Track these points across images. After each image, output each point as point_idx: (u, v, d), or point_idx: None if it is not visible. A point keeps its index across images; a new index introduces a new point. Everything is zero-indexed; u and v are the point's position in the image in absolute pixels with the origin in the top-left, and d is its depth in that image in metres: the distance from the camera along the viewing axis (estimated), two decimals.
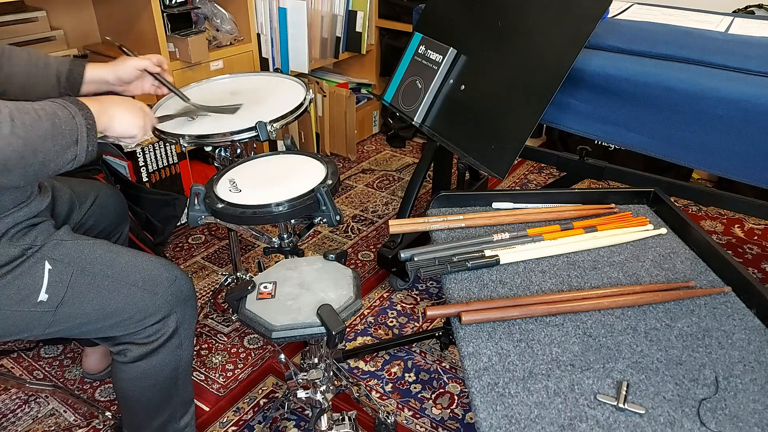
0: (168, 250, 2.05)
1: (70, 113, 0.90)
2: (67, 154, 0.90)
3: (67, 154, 0.90)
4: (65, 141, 0.89)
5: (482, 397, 0.73)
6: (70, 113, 0.90)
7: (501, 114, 1.26)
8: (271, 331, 0.97)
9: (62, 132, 0.88)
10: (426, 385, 1.52)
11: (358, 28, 2.55)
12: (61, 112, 0.89)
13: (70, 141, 0.89)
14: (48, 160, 0.87)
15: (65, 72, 1.16)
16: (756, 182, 1.13)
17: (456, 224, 1.08)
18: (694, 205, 2.34)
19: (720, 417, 0.70)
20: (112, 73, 1.21)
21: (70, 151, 0.90)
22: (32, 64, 1.14)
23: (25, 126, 0.83)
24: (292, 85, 1.45)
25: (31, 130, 0.83)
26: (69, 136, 0.89)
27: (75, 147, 0.90)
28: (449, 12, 1.49)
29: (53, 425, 1.40)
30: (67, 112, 0.90)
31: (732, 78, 1.12)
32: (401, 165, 2.68)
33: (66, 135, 0.89)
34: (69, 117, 0.90)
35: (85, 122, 0.92)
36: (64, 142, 0.88)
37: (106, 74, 1.21)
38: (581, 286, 0.93)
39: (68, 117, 0.90)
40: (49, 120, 0.86)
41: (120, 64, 1.22)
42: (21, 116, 0.83)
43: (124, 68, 1.22)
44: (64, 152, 0.89)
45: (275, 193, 1.10)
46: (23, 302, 0.96)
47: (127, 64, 1.22)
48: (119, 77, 1.22)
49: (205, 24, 2.10)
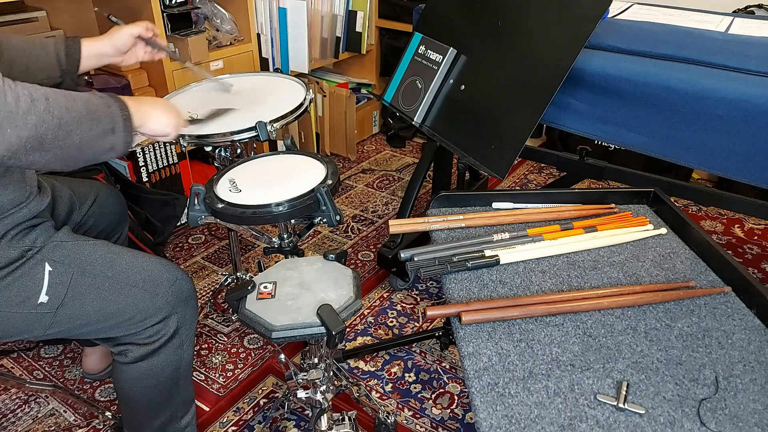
0: (168, 250, 2.05)
1: (106, 102, 0.91)
2: (105, 142, 0.90)
3: (105, 142, 0.90)
4: (101, 127, 0.89)
5: (482, 397, 0.73)
6: (106, 102, 0.91)
7: (501, 114, 1.26)
8: (271, 331, 0.97)
9: (98, 117, 0.89)
10: (426, 385, 1.52)
11: (358, 28, 2.55)
12: (96, 100, 0.90)
13: (106, 128, 0.90)
14: (84, 144, 0.88)
15: (63, 50, 1.16)
16: (756, 182, 1.13)
17: (456, 224, 1.08)
18: (694, 205, 2.34)
19: (720, 417, 0.70)
20: (108, 44, 1.21)
21: (108, 140, 0.91)
22: (29, 45, 1.14)
23: (59, 106, 0.84)
24: (292, 85, 1.45)
25: (66, 111, 0.84)
26: (105, 123, 0.90)
27: (112, 135, 0.91)
28: (449, 12, 1.49)
29: (53, 425, 1.40)
30: (103, 102, 0.91)
31: (732, 78, 1.12)
32: (401, 165, 2.68)
33: (102, 121, 0.89)
34: (104, 105, 0.91)
35: (121, 113, 0.93)
36: (100, 129, 0.89)
37: (102, 47, 1.20)
38: (581, 286, 0.93)
39: (103, 105, 0.91)
40: (83, 104, 0.87)
41: (114, 34, 1.21)
42: (56, 97, 0.84)
43: (119, 37, 1.21)
44: (101, 139, 0.90)
45: (275, 193, 1.10)
46: (23, 304, 0.96)
47: (122, 32, 1.22)
48: (116, 47, 1.22)
49: (205, 24, 2.10)
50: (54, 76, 1.15)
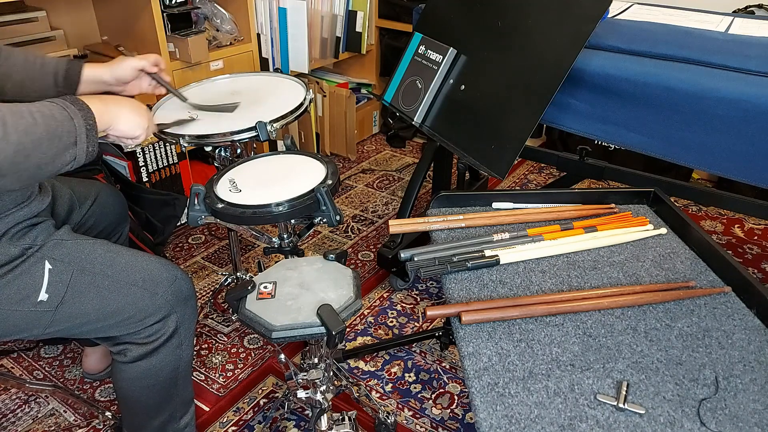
0: (168, 250, 2.05)
1: (69, 115, 0.88)
2: (65, 156, 0.88)
3: (65, 156, 0.88)
4: (62, 144, 0.87)
5: (482, 397, 0.73)
6: (69, 115, 0.88)
7: (501, 114, 1.26)
8: (271, 331, 0.97)
9: (59, 135, 0.86)
10: (426, 385, 1.52)
11: (358, 28, 2.55)
12: (59, 114, 0.87)
13: (67, 143, 0.87)
14: (44, 163, 0.85)
15: (62, 72, 1.15)
16: (756, 182, 1.13)
17: (456, 224, 1.08)
18: (694, 205, 2.34)
19: (720, 417, 0.70)
20: (110, 73, 1.20)
21: (69, 153, 0.88)
22: (29, 63, 1.13)
23: (18, 131, 0.81)
24: (292, 85, 1.45)
25: (24, 135, 0.81)
26: (66, 139, 0.87)
27: (74, 148, 0.89)
28: (449, 12, 1.49)
29: (53, 425, 1.40)
30: (66, 114, 0.88)
31: (732, 78, 1.12)
32: (401, 165, 2.68)
33: (63, 137, 0.87)
34: (67, 119, 0.88)
35: (85, 123, 0.90)
36: (61, 145, 0.87)
37: (103, 74, 1.20)
38: (581, 286, 0.93)
39: (66, 119, 0.88)
40: (44, 124, 0.84)
41: (117, 64, 1.21)
42: (14, 121, 0.81)
43: (122, 68, 1.21)
44: (61, 155, 0.87)
45: (275, 193, 1.10)
46: (23, 302, 0.96)
47: (125, 64, 1.21)
48: (117, 77, 1.21)
49: (205, 24, 2.10)
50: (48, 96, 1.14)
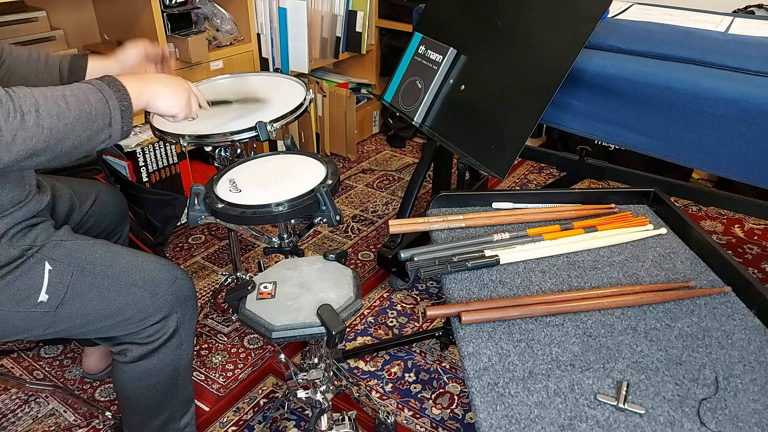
0: (168, 250, 2.05)
1: (104, 97, 0.89)
2: (100, 136, 0.89)
3: (100, 136, 0.89)
4: (96, 125, 0.88)
5: (482, 397, 0.73)
6: (104, 97, 0.89)
7: (501, 114, 1.26)
8: (271, 331, 0.97)
9: (92, 118, 0.87)
10: (426, 385, 1.52)
11: (358, 28, 2.55)
12: (93, 97, 0.87)
13: (102, 124, 0.89)
14: (79, 143, 0.87)
15: (68, 66, 1.16)
16: (756, 182, 1.13)
17: (456, 224, 1.08)
18: (694, 205, 2.34)
19: (720, 417, 0.70)
20: (115, 61, 1.21)
21: (103, 133, 0.89)
22: (33, 59, 1.14)
23: (50, 116, 0.82)
24: (292, 85, 1.45)
25: (57, 120, 0.82)
26: (101, 120, 0.88)
27: (108, 129, 0.90)
28: (449, 12, 1.49)
29: (53, 425, 1.40)
30: (101, 97, 0.88)
31: (732, 78, 1.12)
32: (401, 165, 2.68)
33: (97, 120, 0.88)
34: (102, 101, 0.88)
35: (119, 105, 0.90)
36: (95, 127, 0.88)
37: (108, 64, 1.20)
38: (581, 286, 0.93)
39: (101, 102, 0.88)
40: (77, 108, 0.85)
41: (121, 52, 1.22)
42: (47, 106, 0.82)
43: (126, 55, 1.22)
44: (96, 135, 0.88)
45: (275, 193, 1.10)
46: (23, 303, 0.96)
47: (129, 50, 1.22)
48: (122, 65, 1.22)
49: (205, 24, 2.10)
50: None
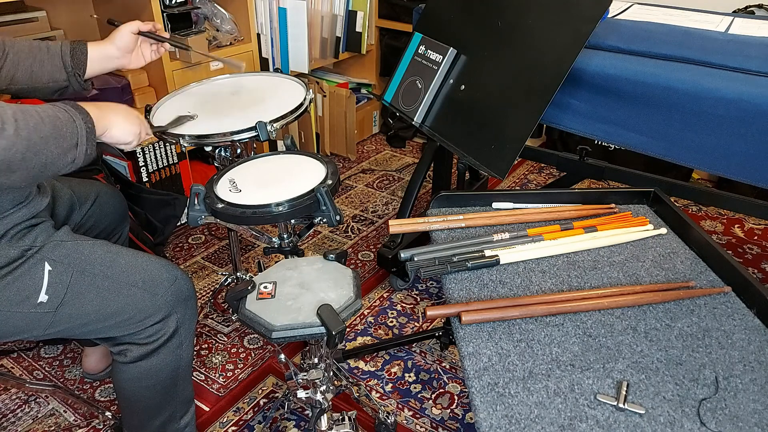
0: (168, 250, 2.05)
1: (71, 116, 0.91)
2: (67, 157, 0.91)
3: (67, 157, 0.91)
4: (66, 144, 0.89)
5: (482, 397, 0.73)
6: (71, 116, 0.91)
7: (501, 114, 1.26)
8: (271, 331, 0.97)
9: (63, 134, 0.89)
10: (426, 385, 1.52)
11: (358, 28, 2.55)
12: (62, 115, 0.90)
13: (70, 144, 0.90)
14: (49, 162, 0.88)
15: (69, 52, 1.16)
16: (756, 182, 1.13)
17: (456, 224, 1.08)
18: (694, 205, 2.34)
19: (720, 417, 0.70)
20: (112, 45, 1.21)
21: (70, 154, 0.91)
22: (35, 48, 1.14)
23: (28, 127, 0.84)
24: (292, 85, 1.45)
25: (33, 131, 0.84)
26: (70, 139, 0.90)
27: (75, 150, 0.91)
28: (449, 12, 1.49)
29: (53, 425, 1.40)
30: (68, 116, 0.91)
31: (732, 78, 1.12)
32: (401, 165, 2.68)
33: (67, 138, 0.90)
34: (70, 120, 0.91)
35: (85, 126, 0.93)
36: (65, 145, 0.89)
37: (107, 49, 1.21)
38: (581, 286, 0.93)
39: (69, 120, 0.91)
40: (51, 123, 0.87)
41: (116, 34, 1.22)
42: (24, 118, 0.84)
43: (121, 36, 1.21)
44: (64, 155, 0.90)
45: (275, 193, 1.10)
46: (23, 303, 0.96)
47: (121, 31, 1.22)
48: (119, 47, 1.21)
49: (205, 24, 2.10)
50: (59, 80, 1.15)
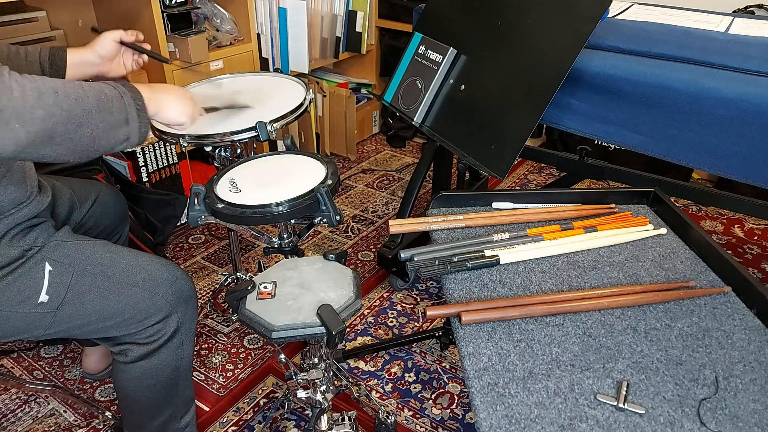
0: (168, 250, 2.05)
1: (119, 93, 0.91)
2: (118, 133, 0.91)
3: (118, 133, 0.91)
4: (114, 119, 0.89)
5: (482, 397, 0.73)
6: (119, 93, 0.91)
7: (501, 114, 1.26)
8: (271, 331, 0.97)
9: (109, 109, 0.89)
10: (426, 385, 1.52)
11: (358, 28, 2.55)
12: (109, 91, 0.90)
13: (119, 119, 0.90)
14: (97, 136, 0.88)
15: (47, 58, 1.16)
16: (756, 182, 1.13)
17: (456, 224, 1.08)
18: (694, 205, 2.34)
19: (720, 417, 0.70)
20: (91, 52, 1.21)
21: (122, 131, 0.91)
22: (14, 55, 1.14)
23: (69, 99, 0.83)
24: (292, 85, 1.45)
25: (75, 103, 0.84)
26: (118, 114, 0.90)
27: (126, 127, 0.91)
28: (449, 12, 1.49)
29: (53, 425, 1.40)
30: (116, 92, 0.91)
31: (732, 78, 1.12)
32: (401, 165, 2.68)
33: (114, 113, 0.90)
34: (117, 96, 0.91)
35: (135, 103, 0.93)
36: (113, 120, 0.89)
37: (86, 55, 1.21)
38: (581, 286, 0.93)
39: (116, 96, 0.91)
40: (95, 96, 0.87)
41: (97, 42, 1.22)
42: (66, 89, 0.84)
43: (102, 44, 1.21)
44: (114, 130, 0.90)
45: (275, 193, 1.10)
46: (24, 303, 0.96)
47: (103, 39, 1.22)
48: (100, 54, 1.22)
49: (205, 24, 2.10)
50: None
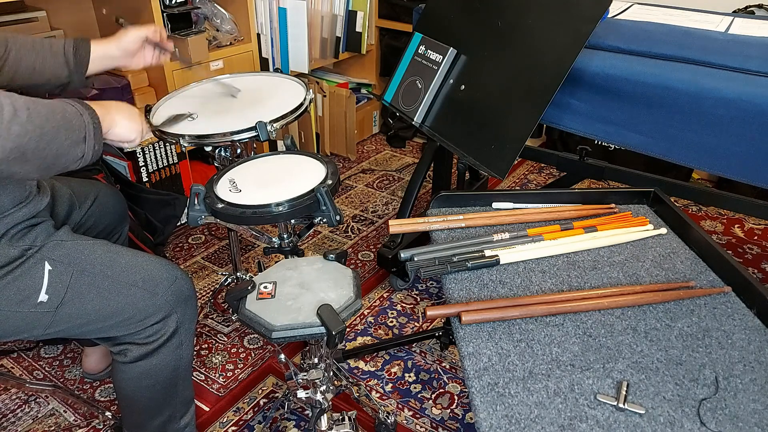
0: (168, 250, 2.05)
1: (78, 110, 0.92)
2: (76, 151, 0.91)
3: (76, 151, 0.91)
4: (75, 136, 0.90)
5: (482, 397, 0.73)
6: (78, 110, 0.92)
7: (501, 114, 1.26)
8: (271, 331, 0.97)
9: (73, 126, 0.90)
10: (426, 385, 1.52)
11: (358, 28, 2.55)
12: (69, 108, 0.91)
13: (79, 137, 0.91)
14: (60, 153, 0.88)
15: (71, 51, 1.16)
16: (756, 182, 1.13)
17: (456, 224, 1.08)
18: (694, 205, 2.34)
19: (720, 417, 0.70)
20: (116, 46, 1.21)
21: (80, 148, 0.91)
22: (38, 45, 1.14)
23: (40, 116, 0.84)
24: (292, 85, 1.45)
25: (45, 120, 0.85)
26: (79, 132, 0.91)
27: (83, 144, 0.92)
28: (449, 12, 1.49)
29: (53, 425, 1.40)
30: (75, 110, 0.92)
31: (732, 78, 1.12)
32: (401, 165, 2.68)
33: (76, 130, 0.90)
34: (77, 113, 0.92)
35: (92, 120, 0.94)
36: (75, 137, 0.90)
37: (110, 49, 1.21)
38: (581, 286, 0.93)
39: (76, 113, 0.91)
40: (61, 113, 0.88)
41: (122, 36, 1.22)
42: (36, 107, 0.84)
43: (127, 39, 1.22)
44: (74, 147, 0.90)
45: (275, 193, 1.10)
46: (23, 303, 0.96)
47: (129, 34, 1.22)
48: (123, 49, 1.22)
49: (205, 24, 2.10)
50: (61, 76, 1.16)
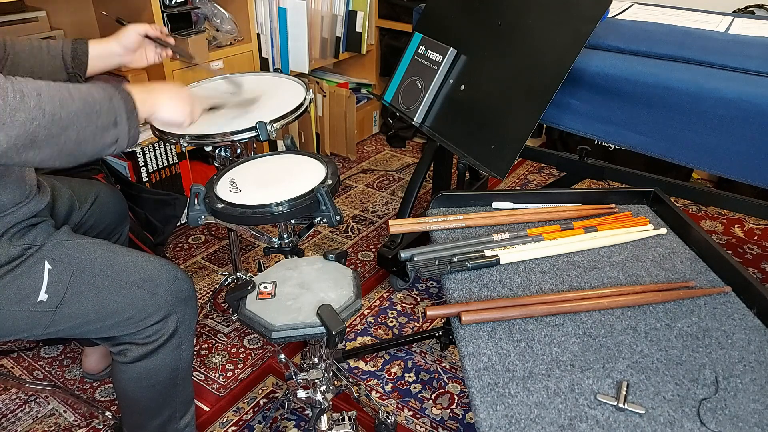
0: (168, 250, 2.05)
1: (108, 95, 0.89)
2: (106, 137, 0.88)
3: (106, 137, 0.88)
4: (102, 121, 0.87)
5: (482, 397, 0.73)
6: (108, 95, 0.89)
7: (501, 114, 1.26)
8: (271, 331, 0.97)
9: (96, 111, 0.86)
10: (426, 385, 1.52)
11: (358, 28, 2.55)
12: (97, 94, 0.88)
13: (108, 122, 0.88)
14: (83, 139, 0.85)
15: (69, 52, 1.15)
16: (756, 182, 1.13)
17: (456, 224, 1.08)
18: (694, 205, 2.34)
19: (720, 417, 0.70)
20: (116, 43, 1.21)
21: (110, 133, 0.88)
22: (35, 49, 1.13)
23: (53, 101, 0.81)
24: (292, 85, 1.45)
25: (59, 107, 0.82)
26: (106, 117, 0.87)
27: (114, 129, 0.89)
28: (449, 12, 1.49)
29: (53, 425, 1.40)
30: (104, 94, 0.88)
31: (732, 78, 1.12)
32: (401, 165, 2.68)
33: (102, 116, 0.87)
34: (106, 98, 0.88)
35: (125, 105, 0.90)
36: (101, 123, 0.87)
37: (110, 46, 1.20)
38: (581, 286, 0.93)
39: (105, 98, 0.88)
40: (81, 99, 0.85)
41: (122, 33, 1.21)
42: (50, 92, 0.82)
43: (127, 36, 1.21)
44: (102, 134, 0.87)
45: (275, 193, 1.10)
46: (23, 302, 0.96)
47: (129, 30, 1.21)
48: (124, 45, 1.21)
49: (205, 24, 2.10)
50: (60, 79, 1.15)
